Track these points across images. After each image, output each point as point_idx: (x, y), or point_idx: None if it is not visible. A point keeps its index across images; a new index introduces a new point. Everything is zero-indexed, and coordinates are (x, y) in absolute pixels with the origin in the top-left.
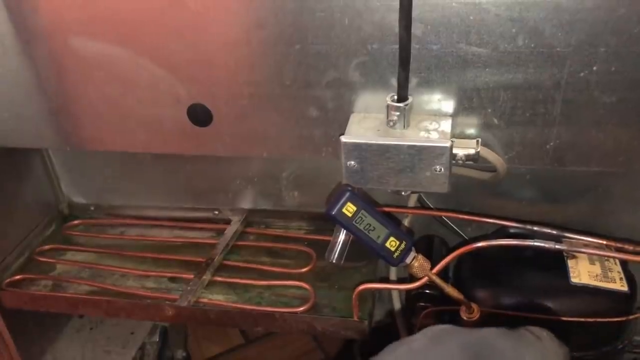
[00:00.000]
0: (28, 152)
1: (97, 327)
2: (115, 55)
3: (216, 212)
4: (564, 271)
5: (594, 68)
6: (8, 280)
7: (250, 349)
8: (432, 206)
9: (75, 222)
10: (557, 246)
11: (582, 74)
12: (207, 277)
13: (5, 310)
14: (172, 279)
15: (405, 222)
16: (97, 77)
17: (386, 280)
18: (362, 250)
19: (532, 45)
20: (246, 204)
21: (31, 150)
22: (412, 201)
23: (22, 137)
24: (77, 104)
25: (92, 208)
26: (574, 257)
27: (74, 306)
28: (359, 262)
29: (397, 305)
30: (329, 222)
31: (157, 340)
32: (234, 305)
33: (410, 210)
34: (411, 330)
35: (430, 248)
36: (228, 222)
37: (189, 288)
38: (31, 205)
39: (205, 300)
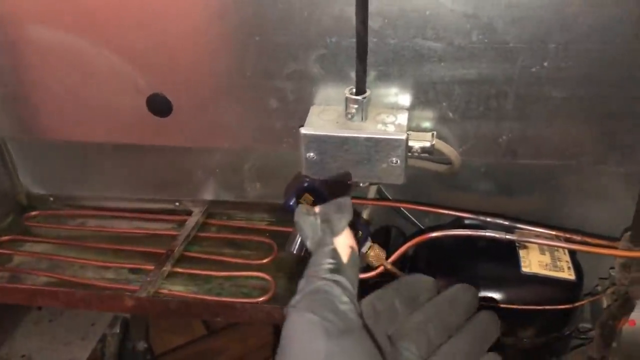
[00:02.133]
0: None
1: (57, 319)
2: (74, 43)
3: (177, 204)
4: (515, 261)
5: (545, 64)
6: None
7: (212, 340)
8: (390, 197)
9: (34, 213)
10: (508, 236)
11: (533, 69)
12: (167, 268)
13: None
14: (132, 270)
15: (365, 214)
16: (56, 66)
17: None
18: None
19: (486, 40)
20: (208, 195)
21: None
22: (372, 193)
23: None
24: (35, 92)
25: (51, 199)
26: (525, 247)
27: (32, 297)
28: None
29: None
30: (291, 213)
31: (118, 331)
32: (194, 296)
33: (368, 201)
34: None
35: (388, 238)
36: (189, 213)
37: (148, 279)
38: None
39: (165, 291)
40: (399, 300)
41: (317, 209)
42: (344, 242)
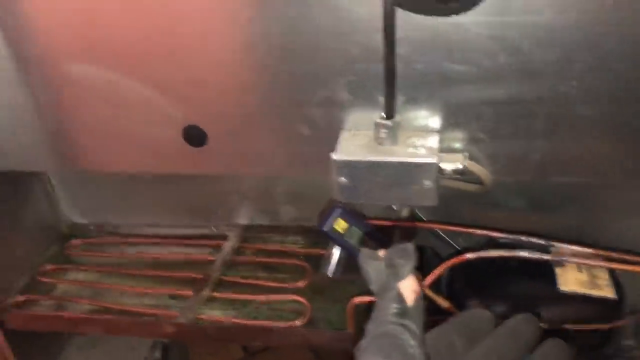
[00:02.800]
0: (28, 174)
1: (99, 345)
2: (111, 79)
3: (213, 229)
4: (552, 279)
5: (573, 83)
6: (12, 301)
7: None
8: (423, 218)
9: (76, 241)
10: (544, 256)
11: (561, 89)
12: (205, 293)
13: (9, 331)
14: (171, 296)
15: (398, 235)
16: (93, 101)
17: None
18: (356, 263)
19: (513, 62)
20: (242, 219)
21: (31, 172)
22: (404, 214)
23: (21, 161)
24: (74, 127)
25: (92, 227)
26: (562, 265)
27: (75, 325)
28: (353, 276)
29: None
30: (325, 235)
31: (159, 356)
32: (232, 320)
33: (401, 223)
34: None
35: (422, 259)
36: (225, 237)
37: (187, 305)
38: (32, 226)
39: (204, 316)
40: (457, 337)
41: (381, 253)
42: (408, 287)
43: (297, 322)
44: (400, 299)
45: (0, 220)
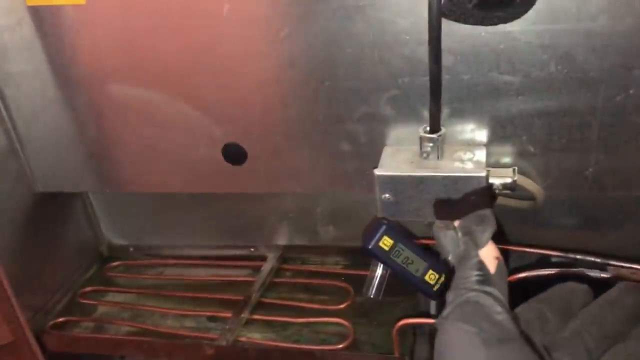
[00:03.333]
0: (68, 196)
1: None
2: (151, 99)
3: (252, 249)
4: None
5: (630, 91)
6: (52, 322)
7: None
8: None
9: (115, 263)
10: (602, 275)
11: (617, 98)
12: (245, 315)
13: (48, 352)
14: (211, 318)
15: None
16: (134, 121)
17: (427, 314)
18: (400, 284)
19: (565, 71)
20: (281, 240)
21: (71, 194)
22: None
23: (63, 182)
24: (116, 147)
25: (131, 249)
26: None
27: (116, 347)
28: (397, 297)
29: None
30: (365, 256)
31: None
32: (272, 343)
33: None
34: None
35: None
36: (264, 258)
37: (227, 327)
38: (72, 247)
39: (243, 339)
40: (549, 310)
41: (456, 222)
42: (489, 254)
43: (340, 346)
44: (481, 266)
45: (42, 240)
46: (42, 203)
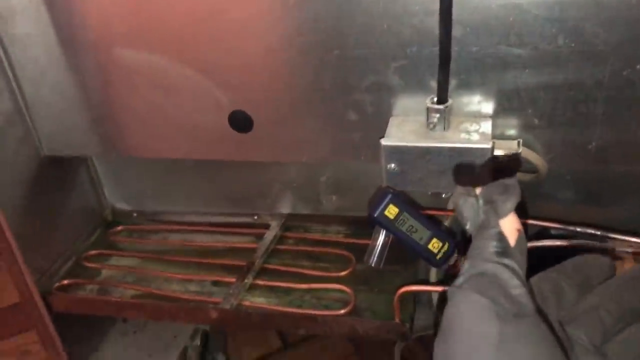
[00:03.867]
0: (73, 160)
1: (141, 331)
2: (159, 63)
3: (255, 217)
4: None
5: (637, 67)
6: (57, 284)
7: (288, 353)
8: None
9: (119, 228)
10: (603, 246)
11: (624, 73)
12: (248, 280)
13: (55, 314)
14: (215, 283)
15: (445, 224)
16: (141, 86)
17: (427, 282)
18: (401, 253)
19: (573, 44)
20: (285, 208)
21: (76, 158)
22: (451, 204)
23: (69, 146)
24: (122, 112)
25: (135, 214)
26: (619, 258)
27: (121, 309)
28: (398, 266)
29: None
30: (367, 226)
31: (199, 344)
32: (275, 308)
33: (451, 212)
34: None
35: None
36: (267, 226)
37: (231, 291)
38: (77, 212)
39: (247, 303)
40: (567, 282)
41: (477, 190)
42: (510, 225)
43: (342, 311)
44: (501, 237)
45: (46, 204)
46: (47, 167)
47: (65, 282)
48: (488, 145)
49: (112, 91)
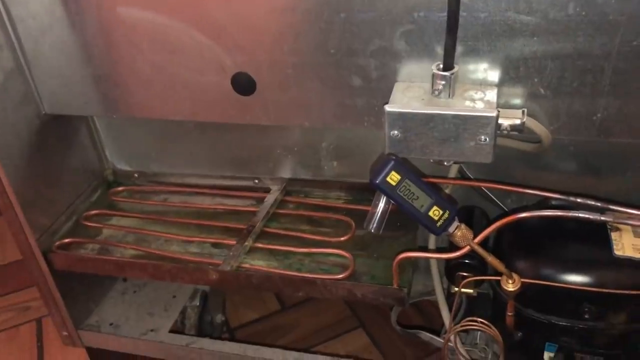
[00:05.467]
0: (74, 119)
1: (141, 291)
2: (162, 23)
3: (256, 181)
4: (607, 243)
5: None
6: (58, 243)
7: (286, 315)
8: (471, 177)
9: (120, 188)
10: (601, 217)
11: (634, 43)
12: (248, 243)
13: (56, 272)
14: (215, 245)
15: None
16: (144, 46)
17: (425, 249)
18: (400, 219)
19: (584, 13)
20: (286, 173)
21: (77, 117)
22: (453, 171)
23: (70, 105)
24: (124, 72)
25: (136, 175)
26: (617, 229)
27: (122, 269)
28: (397, 232)
29: (435, 275)
30: (367, 192)
31: (198, 304)
32: (275, 271)
33: (452, 181)
34: (450, 300)
35: (471, 219)
36: (268, 190)
37: (231, 253)
38: (78, 171)
39: (247, 265)
40: None
41: None
42: None
43: (341, 276)
44: None
45: (47, 162)
46: (48, 125)
47: (66, 240)
48: (492, 114)
49: (114, 50)
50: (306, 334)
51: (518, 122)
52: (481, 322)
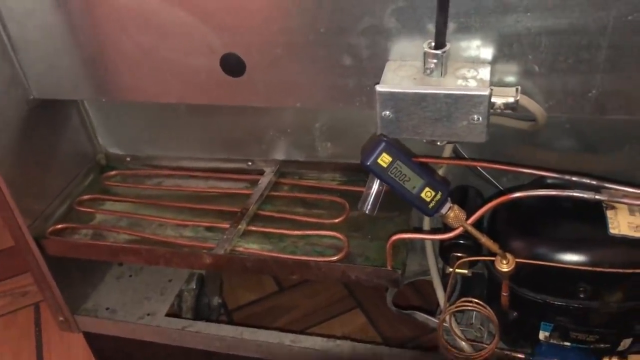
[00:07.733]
0: (64, 103)
1: (137, 276)
2: (150, 4)
3: (250, 163)
4: (602, 222)
5: None
6: (51, 228)
7: (283, 296)
8: (466, 156)
9: (113, 172)
10: (596, 196)
11: (630, 17)
12: (242, 226)
13: (49, 257)
14: (209, 228)
15: (440, 173)
16: (132, 27)
17: (420, 230)
18: (394, 200)
19: None
20: (279, 155)
21: (67, 102)
22: (447, 151)
23: (58, 89)
24: (112, 54)
25: (129, 159)
26: (613, 207)
27: (116, 254)
28: (391, 213)
29: (430, 255)
30: (361, 173)
31: (194, 287)
32: (269, 254)
33: (446, 161)
34: (445, 280)
35: (465, 199)
36: (261, 173)
37: (225, 237)
38: (69, 156)
39: (241, 248)
40: None
41: None
42: None
43: (335, 258)
44: None
45: (38, 147)
46: (37, 110)
47: (59, 226)
48: (486, 92)
49: (101, 32)
50: (304, 315)
51: (512, 100)
52: (476, 303)
